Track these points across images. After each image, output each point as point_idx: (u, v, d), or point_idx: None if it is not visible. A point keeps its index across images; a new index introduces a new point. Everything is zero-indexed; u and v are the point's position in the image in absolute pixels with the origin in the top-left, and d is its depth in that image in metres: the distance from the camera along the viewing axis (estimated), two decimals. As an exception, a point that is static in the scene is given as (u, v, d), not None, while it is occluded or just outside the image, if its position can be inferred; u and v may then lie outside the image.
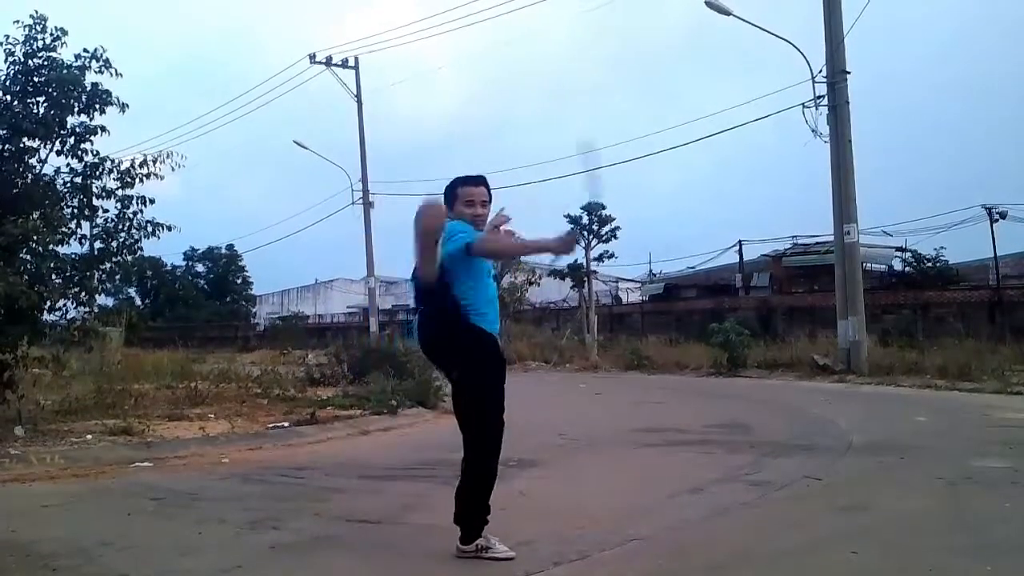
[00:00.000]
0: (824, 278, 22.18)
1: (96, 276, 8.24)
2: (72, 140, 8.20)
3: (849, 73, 15.58)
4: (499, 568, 3.64)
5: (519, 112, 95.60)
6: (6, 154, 7.95)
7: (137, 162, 8.44)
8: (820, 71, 15.67)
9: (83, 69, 8.07)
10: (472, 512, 3.64)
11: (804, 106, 15.80)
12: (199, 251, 54.45)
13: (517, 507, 4.41)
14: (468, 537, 3.65)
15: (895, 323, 20.82)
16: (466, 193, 3.74)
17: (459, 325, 3.65)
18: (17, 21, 7.99)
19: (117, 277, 8.52)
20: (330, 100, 78.92)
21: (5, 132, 7.86)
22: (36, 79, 7.97)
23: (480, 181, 3.80)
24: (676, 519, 4.50)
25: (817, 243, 27.01)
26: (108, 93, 8.19)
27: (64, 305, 8.19)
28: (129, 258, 8.43)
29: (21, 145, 7.92)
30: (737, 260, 31.98)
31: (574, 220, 23.90)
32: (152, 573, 3.64)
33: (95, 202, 8.37)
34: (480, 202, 3.74)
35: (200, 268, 55.98)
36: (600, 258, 24.38)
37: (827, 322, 18.10)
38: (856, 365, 15.34)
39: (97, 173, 8.30)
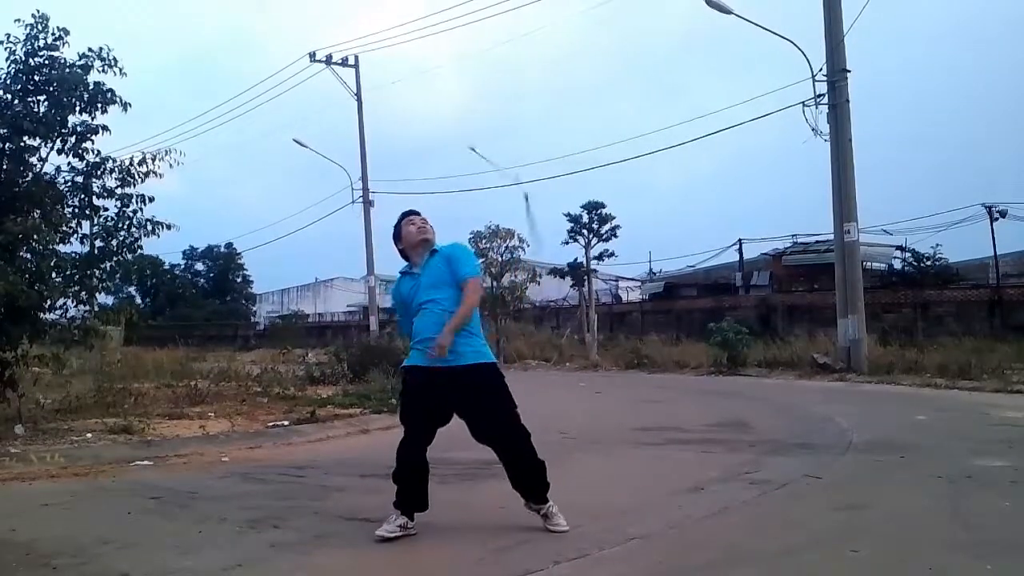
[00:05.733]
0: (824, 277, 22.19)
1: (96, 275, 8.23)
2: (73, 139, 8.19)
3: (849, 72, 15.58)
4: (500, 566, 3.64)
5: (520, 111, 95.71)
6: (7, 153, 7.94)
7: (136, 160, 8.44)
8: (820, 69, 15.67)
9: (86, 68, 8.06)
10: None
11: (804, 104, 15.80)
12: (199, 250, 54.52)
13: (517, 505, 4.40)
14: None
15: (895, 322, 20.84)
16: (408, 221, 4.44)
17: None
18: (18, 20, 7.99)
19: (117, 276, 8.51)
20: (330, 98, 78.97)
21: (5, 131, 7.85)
22: (37, 78, 7.96)
23: (412, 215, 4.48)
24: (676, 517, 4.50)
25: (817, 242, 27.04)
26: (111, 92, 8.18)
27: (64, 304, 8.20)
28: (129, 256, 8.42)
29: (22, 144, 7.92)
30: (737, 259, 32.02)
31: (574, 219, 23.94)
32: (152, 572, 3.64)
33: (95, 201, 8.37)
34: (418, 227, 4.39)
35: (200, 267, 56.07)
36: (600, 257, 24.38)
37: (827, 321, 18.11)
38: (856, 364, 15.34)
39: (98, 172, 8.29)
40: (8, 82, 7.96)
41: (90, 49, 8.15)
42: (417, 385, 4.19)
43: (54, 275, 7.89)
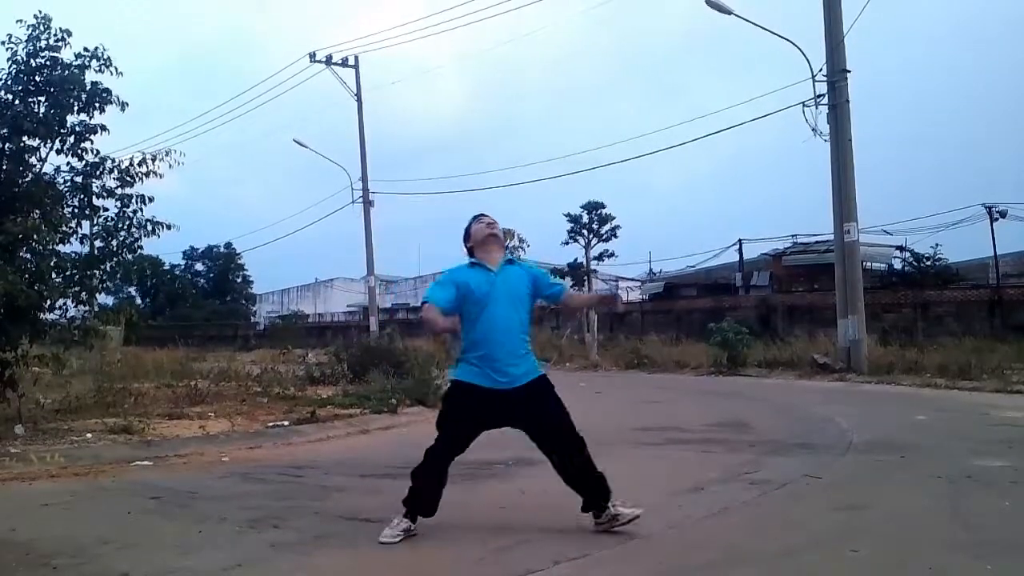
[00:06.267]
0: (824, 277, 22.20)
1: (96, 275, 8.22)
2: (72, 139, 8.17)
3: (849, 72, 15.59)
4: (500, 566, 3.64)
5: (520, 111, 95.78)
6: (7, 153, 7.93)
7: (136, 160, 8.43)
8: (820, 70, 15.68)
9: (83, 68, 8.05)
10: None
11: (804, 105, 15.82)
12: (199, 250, 54.53)
13: (517, 505, 4.42)
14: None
15: (895, 322, 20.85)
16: (477, 220, 4.40)
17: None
18: (20, 20, 7.98)
19: (117, 276, 8.50)
20: (330, 99, 79.07)
21: (6, 131, 7.84)
22: (37, 79, 7.95)
23: (483, 215, 4.44)
24: (676, 518, 4.50)
25: (817, 242, 27.05)
26: (108, 92, 8.17)
27: (64, 304, 8.20)
28: (129, 257, 8.41)
29: (22, 144, 7.91)
30: (737, 259, 32.03)
31: (574, 219, 23.96)
32: (152, 572, 3.63)
33: (95, 201, 8.36)
34: (487, 223, 4.33)
35: (200, 267, 56.08)
36: (600, 257, 24.43)
37: (827, 321, 18.12)
38: (856, 364, 15.34)
39: (97, 172, 8.28)
40: (9, 82, 7.96)
41: (86, 49, 8.13)
42: (472, 404, 4.11)
43: (54, 275, 7.88)
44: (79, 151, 8.23)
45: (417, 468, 4.16)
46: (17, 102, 7.92)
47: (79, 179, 8.28)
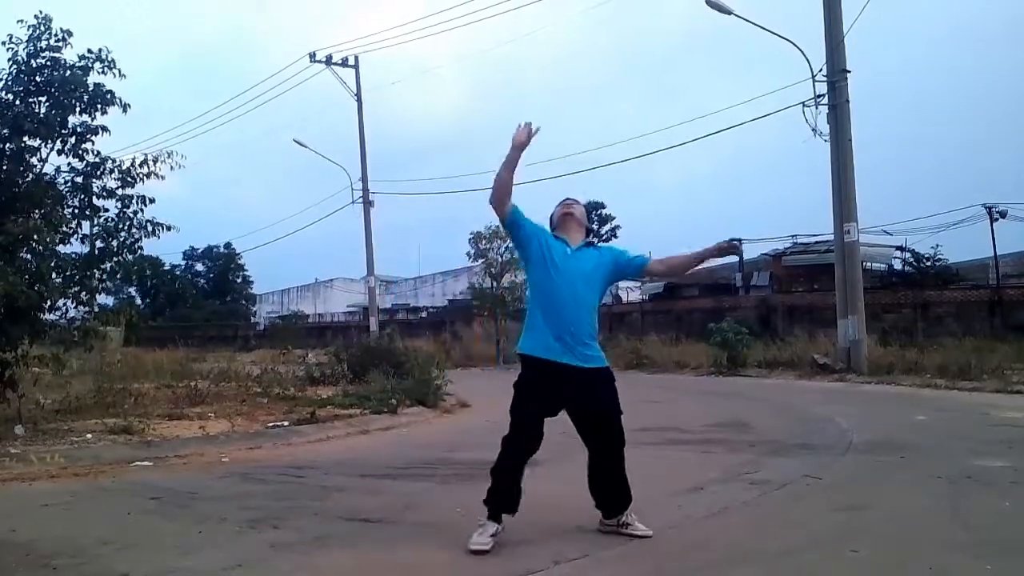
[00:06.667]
0: (824, 277, 22.20)
1: (96, 275, 8.23)
2: (73, 140, 8.18)
3: (849, 72, 15.59)
4: (500, 567, 3.64)
5: (520, 111, 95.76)
6: (7, 153, 7.93)
7: (137, 161, 8.43)
8: (820, 70, 15.69)
9: (86, 70, 8.06)
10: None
11: (804, 105, 15.83)
12: (199, 250, 54.58)
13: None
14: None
15: (895, 322, 20.85)
16: (560, 204, 4.47)
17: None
18: (21, 20, 7.98)
19: (117, 276, 8.50)
20: (330, 99, 79.12)
21: (6, 131, 7.85)
22: (39, 79, 7.96)
23: (566, 199, 4.51)
24: (676, 518, 4.50)
25: (817, 242, 27.05)
26: (111, 93, 8.18)
27: (64, 304, 8.20)
28: (129, 257, 8.42)
29: (22, 144, 7.91)
30: (737, 259, 31.98)
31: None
32: (152, 572, 3.63)
33: (96, 201, 8.36)
34: (565, 204, 4.42)
35: (200, 267, 56.12)
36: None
37: (827, 321, 18.12)
38: (856, 364, 15.34)
39: (98, 173, 8.29)
40: (10, 82, 7.96)
41: (89, 50, 8.15)
42: (544, 381, 4.04)
43: (54, 276, 7.88)
44: (80, 152, 8.24)
45: (495, 464, 4.05)
46: (18, 102, 7.93)
47: (80, 179, 8.28)
